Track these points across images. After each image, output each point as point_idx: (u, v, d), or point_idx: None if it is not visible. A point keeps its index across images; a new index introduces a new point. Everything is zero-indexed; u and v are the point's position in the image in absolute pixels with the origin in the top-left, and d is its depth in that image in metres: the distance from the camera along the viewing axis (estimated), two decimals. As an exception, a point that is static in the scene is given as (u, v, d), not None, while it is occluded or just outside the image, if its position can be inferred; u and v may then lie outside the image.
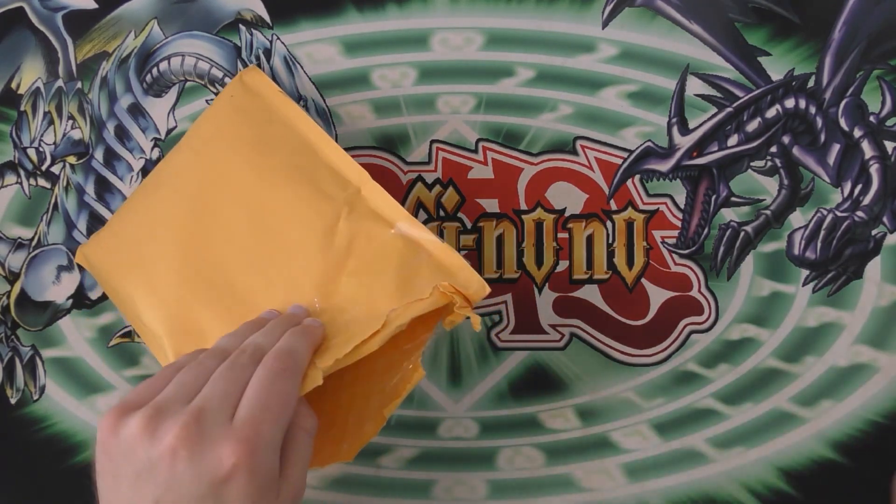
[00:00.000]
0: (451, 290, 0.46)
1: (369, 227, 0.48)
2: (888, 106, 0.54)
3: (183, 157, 0.52)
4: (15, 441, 0.56)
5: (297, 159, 0.51)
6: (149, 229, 0.51)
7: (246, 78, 0.53)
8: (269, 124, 0.52)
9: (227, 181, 0.50)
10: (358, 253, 0.48)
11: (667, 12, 0.54)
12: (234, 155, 0.51)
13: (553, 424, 0.56)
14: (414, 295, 0.46)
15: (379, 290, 0.47)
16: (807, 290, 0.55)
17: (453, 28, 0.54)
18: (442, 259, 0.47)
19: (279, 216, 0.49)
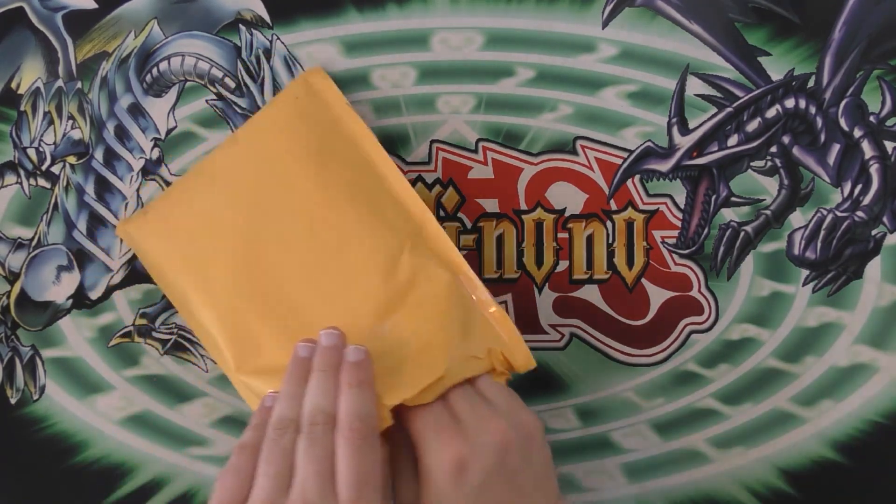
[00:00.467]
0: (502, 359, 0.48)
1: (432, 267, 0.48)
2: (888, 106, 0.54)
3: (241, 152, 0.52)
4: (15, 441, 0.56)
5: (360, 179, 0.50)
6: (203, 223, 0.51)
7: (311, 79, 0.53)
8: (334, 136, 0.51)
9: (287, 187, 0.50)
10: (419, 290, 0.48)
11: (667, 12, 0.54)
12: (295, 161, 0.50)
13: (553, 424, 0.55)
14: (468, 350, 0.47)
15: (437, 334, 0.47)
16: (807, 290, 0.55)
17: (453, 28, 0.54)
18: (496, 320, 0.48)
19: (340, 235, 0.49)
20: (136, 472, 0.57)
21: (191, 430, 0.56)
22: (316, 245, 0.49)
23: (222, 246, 0.50)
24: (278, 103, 0.53)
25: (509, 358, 0.48)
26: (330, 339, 0.46)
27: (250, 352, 0.49)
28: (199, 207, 0.51)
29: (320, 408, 0.43)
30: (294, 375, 0.45)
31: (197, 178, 0.52)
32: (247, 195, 0.51)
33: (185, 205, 0.52)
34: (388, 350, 0.47)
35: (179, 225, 0.51)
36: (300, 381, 0.45)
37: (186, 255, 0.51)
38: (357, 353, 0.45)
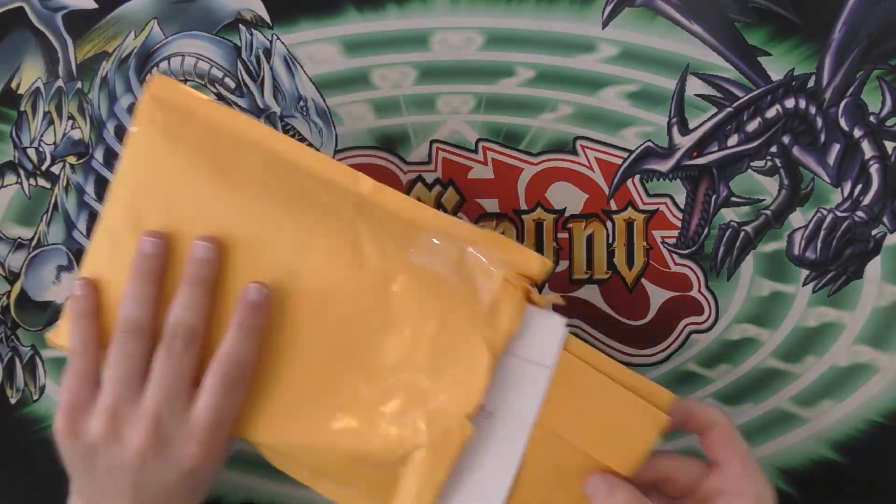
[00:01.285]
0: (519, 279, 0.42)
1: (395, 232, 0.43)
2: (888, 106, 0.54)
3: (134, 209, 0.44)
4: (15, 441, 0.56)
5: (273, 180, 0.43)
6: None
7: (155, 91, 0.45)
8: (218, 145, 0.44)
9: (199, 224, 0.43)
10: (396, 261, 0.43)
11: (667, 12, 0.54)
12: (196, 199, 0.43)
13: (553, 424, 0.56)
14: (484, 299, 0.42)
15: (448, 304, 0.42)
16: (807, 290, 0.55)
17: (453, 28, 0.54)
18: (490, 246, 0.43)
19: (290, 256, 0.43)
20: (136, 472, 0.57)
21: (191, 430, 0.56)
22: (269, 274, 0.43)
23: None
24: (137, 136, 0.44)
25: (525, 273, 0.42)
26: (206, 252, 0.42)
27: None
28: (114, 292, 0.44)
29: (184, 322, 0.42)
30: (140, 275, 0.43)
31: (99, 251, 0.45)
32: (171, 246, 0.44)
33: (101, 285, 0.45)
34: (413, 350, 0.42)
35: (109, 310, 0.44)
36: (146, 281, 0.43)
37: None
38: (259, 294, 0.42)
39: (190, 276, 0.43)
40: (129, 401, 0.42)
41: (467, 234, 0.43)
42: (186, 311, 0.43)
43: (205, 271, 0.43)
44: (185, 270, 0.43)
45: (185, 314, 0.43)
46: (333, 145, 0.55)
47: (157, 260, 0.43)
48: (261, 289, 0.43)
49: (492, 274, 0.42)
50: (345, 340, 0.43)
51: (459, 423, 0.41)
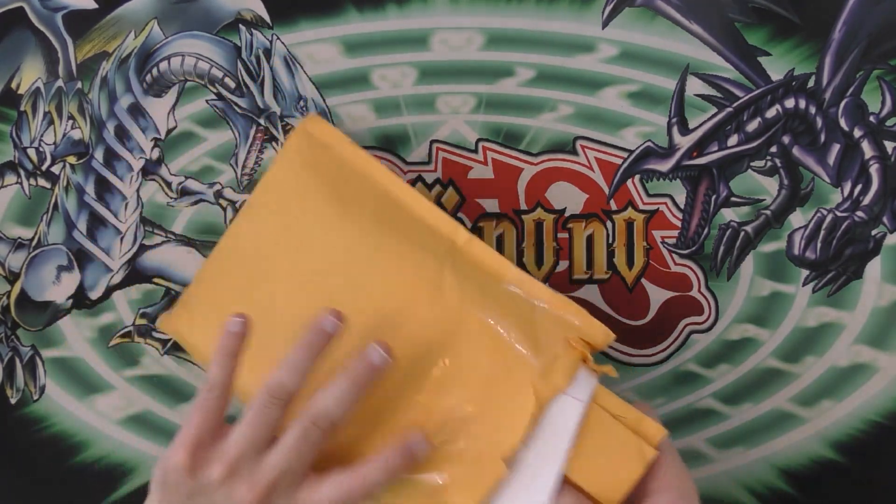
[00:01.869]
0: (581, 343, 0.45)
1: (477, 278, 0.47)
2: (888, 106, 0.54)
3: (260, 219, 0.51)
4: (15, 441, 0.56)
5: (382, 212, 0.49)
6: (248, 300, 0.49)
7: (310, 128, 0.52)
8: (345, 176, 0.50)
9: (316, 242, 0.49)
10: (472, 306, 0.46)
11: (667, 12, 0.54)
12: (316, 214, 0.50)
13: (553, 424, 0.55)
14: (546, 352, 0.45)
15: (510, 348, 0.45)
16: (807, 290, 0.55)
17: (453, 28, 0.54)
18: (561, 309, 0.46)
19: (379, 274, 0.48)
20: (136, 472, 0.57)
21: (191, 430, 0.56)
22: (359, 294, 0.48)
23: (275, 319, 0.48)
24: (283, 160, 0.52)
25: (588, 340, 0.45)
26: (381, 360, 0.45)
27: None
28: (237, 286, 0.51)
29: (330, 416, 0.44)
30: (309, 346, 0.45)
31: (225, 256, 0.52)
32: (279, 261, 0.50)
33: (222, 287, 0.51)
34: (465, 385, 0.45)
35: (226, 310, 0.48)
36: (311, 355, 0.44)
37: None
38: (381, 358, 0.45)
39: (354, 374, 0.44)
40: (251, 461, 0.43)
41: (543, 293, 0.46)
42: (336, 405, 0.44)
43: (370, 376, 0.44)
44: (352, 365, 0.44)
45: (334, 408, 0.44)
46: (333, 145, 0.55)
47: (328, 340, 0.45)
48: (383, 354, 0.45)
49: (556, 333, 0.45)
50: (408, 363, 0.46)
51: (494, 463, 0.43)
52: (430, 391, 0.46)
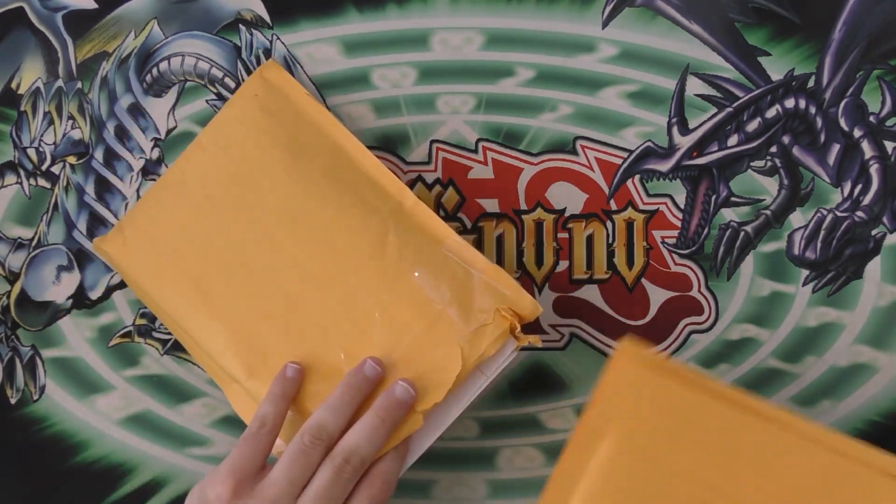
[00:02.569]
0: (511, 314, 0.47)
1: (419, 242, 0.49)
2: (888, 106, 0.54)
3: (209, 155, 0.52)
4: (15, 441, 0.56)
5: (334, 167, 0.50)
6: (185, 234, 0.51)
7: (267, 74, 0.53)
8: (300, 127, 0.51)
9: (263, 185, 0.50)
10: (410, 267, 0.48)
11: (667, 12, 0.54)
12: (266, 157, 0.51)
13: (553, 424, 0.55)
14: (475, 318, 0.47)
15: (442, 310, 0.47)
16: (807, 290, 0.55)
17: (453, 28, 0.54)
18: (494, 279, 0.48)
19: (325, 224, 0.49)
20: (136, 472, 0.57)
21: (191, 430, 0.56)
22: (302, 238, 0.49)
23: (210, 254, 0.50)
24: (238, 102, 0.53)
25: (516, 310, 0.47)
26: (405, 395, 0.46)
27: (260, 357, 0.49)
28: (177, 218, 0.51)
29: (360, 453, 0.45)
30: (349, 388, 0.46)
31: (168, 189, 0.53)
32: (224, 198, 0.51)
33: (161, 217, 0.52)
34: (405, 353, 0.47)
35: (160, 239, 0.51)
36: (354, 398, 0.46)
37: (175, 270, 0.51)
38: (406, 394, 0.46)
39: (384, 412, 0.46)
40: (288, 499, 0.44)
41: (478, 262, 0.48)
42: (368, 444, 0.45)
43: (399, 413, 0.46)
44: (382, 405, 0.46)
45: (365, 446, 0.45)
46: (333, 145, 0.55)
47: (371, 385, 0.47)
48: (408, 388, 0.47)
49: (489, 301, 0.47)
50: (342, 311, 0.48)
51: (413, 416, 0.46)
52: (357, 340, 0.48)
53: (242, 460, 0.45)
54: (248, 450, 0.45)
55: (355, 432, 0.45)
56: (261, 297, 0.49)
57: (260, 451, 0.45)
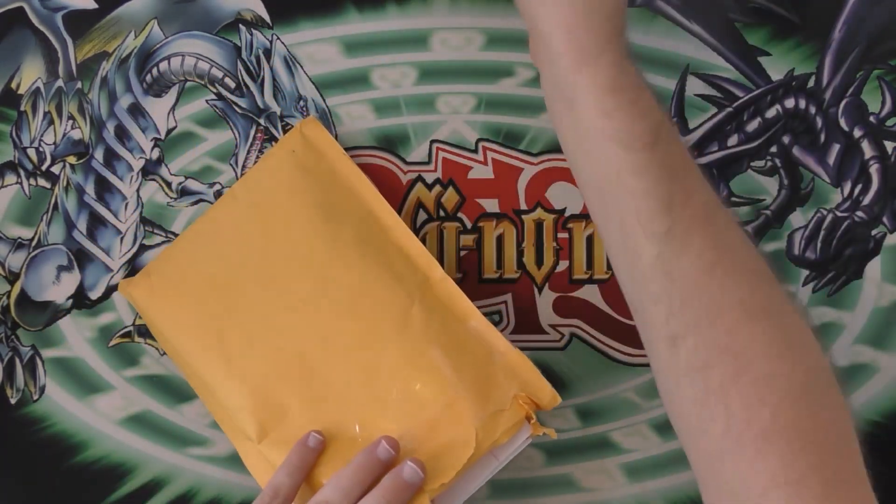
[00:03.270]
0: (528, 402, 0.47)
1: (443, 318, 0.48)
2: (888, 106, 0.54)
3: (242, 208, 0.52)
4: (15, 441, 0.56)
5: (365, 232, 0.50)
6: (211, 285, 0.51)
7: (306, 131, 0.53)
8: (334, 188, 0.51)
9: (293, 243, 0.50)
10: (434, 343, 0.48)
11: (667, 12, 0.54)
12: (298, 215, 0.50)
13: (553, 424, 0.55)
14: (493, 402, 0.46)
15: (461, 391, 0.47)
16: (807, 290, 0.55)
17: (453, 28, 0.54)
18: (515, 364, 0.48)
19: (352, 292, 0.49)
20: (136, 472, 0.57)
21: (191, 430, 0.56)
22: (328, 303, 0.49)
23: (234, 309, 0.50)
24: (274, 156, 0.53)
25: (535, 399, 0.47)
26: (413, 476, 0.45)
27: (275, 419, 0.48)
28: (204, 268, 0.51)
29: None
30: (360, 469, 0.46)
31: (198, 237, 0.53)
32: (253, 253, 0.50)
33: (189, 266, 0.52)
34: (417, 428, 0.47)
35: (186, 288, 0.51)
36: (364, 479, 0.45)
37: (198, 321, 0.51)
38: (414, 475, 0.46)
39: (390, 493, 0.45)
40: None
41: (500, 344, 0.48)
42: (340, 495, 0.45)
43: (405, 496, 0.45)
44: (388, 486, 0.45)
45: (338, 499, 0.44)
46: (333, 145, 0.55)
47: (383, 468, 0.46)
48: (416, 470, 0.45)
49: (508, 386, 0.47)
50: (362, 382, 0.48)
51: (420, 496, 0.45)
52: (373, 413, 0.47)
53: None
54: None
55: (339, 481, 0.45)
56: (281, 359, 0.49)
57: None
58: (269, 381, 0.49)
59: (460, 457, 0.45)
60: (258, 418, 0.48)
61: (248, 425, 0.49)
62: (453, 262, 0.55)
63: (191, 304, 0.51)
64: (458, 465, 0.45)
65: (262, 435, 0.48)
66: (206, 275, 0.51)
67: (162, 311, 0.52)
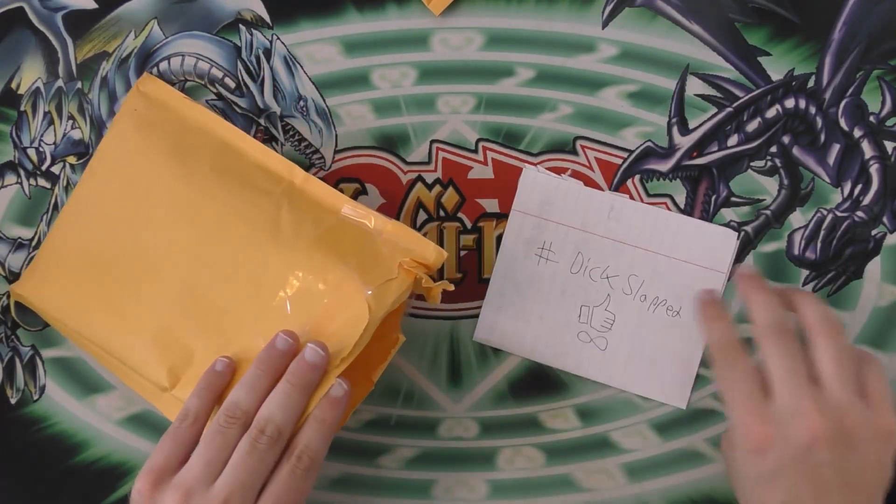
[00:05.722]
0: (414, 265, 0.48)
1: (315, 214, 0.49)
2: (888, 106, 0.54)
3: (101, 179, 0.52)
4: (15, 441, 0.56)
5: (221, 160, 0.51)
6: (91, 260, 0.51)
7: (143, 88, 0.53)
8: (183, 131, 0.52)
9: (158, 194, 0.51)
10: (310, 238, 0.48)
11: (667, 12, 0.54)
12: (155, 167, 0.51)
13: (553, 424, 0.56)
14: (380, 274, 0.47)
15: (346, 272, 0.47)
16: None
17: (453, 28, 0.54)
18: (395, 234, 0.49)
19: (220, 217, 0.50)
20: (136, 473, 0.56)
21: (191, 430, 0.56)
22: (201, 235, 0.50)
23: (117, 273, 0.51)
24: (120, 121, 0.53)
25: (421, 260, 0.48)
26: (314, 356, 0.46)
27: (183, 362, 0.49)
28: (81, 247, 0.52)
29: (275, 420, 0.44)
30: (262, 363, 0.46)
31: (69, 220, 0.53)
32: (122, 217, 0.51)
33: (67, 250, 0.52)
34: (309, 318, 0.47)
35: (70, 272, 0.52)
36: (267, 372, 0.45)
37: (88, 297, 0.51)
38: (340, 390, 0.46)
39: (295, 377, 0.45)
40: (205, 483, 0.43)
41: (377, 221, 0.49)
42: (281, 410, 0.44)
43: (311, 376, 0.45)
44: (292, 370, 0.45)
45: (279, 414, 0.44)
46: (333, 145, 0.55)
47: (283, 358, 0.46)
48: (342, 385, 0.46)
49: (391, 257, 0.48)
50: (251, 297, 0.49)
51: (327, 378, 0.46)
52: (271, 322, 0.48)
53: (162, 456, 0.44)
54: (168, 444, 0.44)
55: (268, 402, 0.44)
56: (171, 301, 0.50)
57: (182, 444, 0.44)
58: (166, 327, 0.49)
59: (357, 328, 0.46)
60: (166, 365, 0.49)
61: (157, 375, 0.50)
62: (453, 262, 0.55)
63: (77, 285, 0.52)
64: (356, 336, 0.46)
65: (174, 380, 0.49)
66: (83, 252, 0.52)
67: (53, 301, 0.53)
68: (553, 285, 0.55)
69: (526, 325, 0.54)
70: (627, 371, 0.54)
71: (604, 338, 0.54)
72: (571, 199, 0.55)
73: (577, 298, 0.54)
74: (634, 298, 0.54)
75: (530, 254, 0.55)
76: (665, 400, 0.54)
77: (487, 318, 0.55)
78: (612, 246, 0.54)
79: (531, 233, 0.54)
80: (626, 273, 0.54)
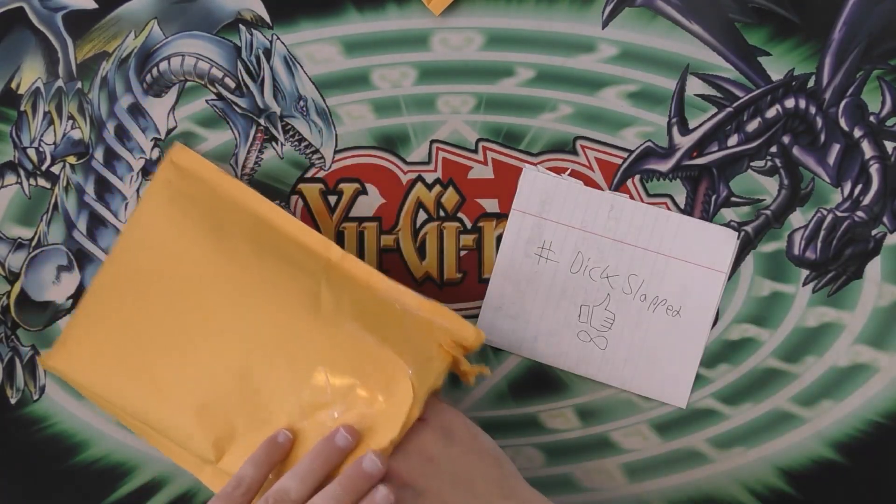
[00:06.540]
0: (453, 346, 0.48)
1: (352, 291, 0.49)
2: (888, 106, 0.54)
3: (135, 253, 0.52)
4: (15, 441, 0.56)
5: (257, 236, 0.51)
6: (127, 333, 0.51)
7: (176, 158, 0.54)
8: (217, 203, 0.52)
9: (194, 268, 0.50)
10: (349, 316, 0.48)
11: (667, 12, 0.54)
12: (190, 241, 0.51)
13: (553, 424, 0.56)
14: (420, 353, 0.47)
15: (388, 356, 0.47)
16: (807, 290, 0.55)
17: (453, 28, 0.54)
18: (433, 314, 0.49)
19: (259, 293, 0.49)
20: (136, 472, 0.57)
21: (191, 430, 0.56)
22: (240, 310, 0.49)
23: (155, 346, 0.50)
24: (153, 192, 0.53)
25: (460, 341, 0.48)
26: (372, 467, 0.45)
27: (226, 435, 0.49)
28: (116, 320, 0.51)
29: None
30: (317, 457, 0.46)
31: (102, 293, 0.53)
32: (158, 290, 0.51)
33: (101, 323, 0.52)
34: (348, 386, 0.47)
35: (104, 345, 0.51)
36: (322, 467, 0.45)
37: (125, 369, 0.51)
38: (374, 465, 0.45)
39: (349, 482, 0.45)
40: None
41: (413, 301, 0.49)
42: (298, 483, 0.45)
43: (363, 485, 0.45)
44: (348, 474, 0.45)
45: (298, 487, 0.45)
46: (333, 145, 0.55)
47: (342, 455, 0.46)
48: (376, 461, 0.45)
49: (429, 337, 0.48)
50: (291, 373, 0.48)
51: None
52: (311, 396, 0.47)
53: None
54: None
55: (316, 500, 0.44)
56: (212, 375, 0.49)
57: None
58: (208, 400, 0.49)
59: (402, 410, 0.45)
60: (210, 439, 0.49)
61: (202, 448, 0.49)
62: (453, 262, 0.55)
63: (113, 357, 0.51)
64: (402, 417, 0.45)
65: (219, 453, 0.49)
66: (119, 325, 0.51)
67: (87, 373, 0.52)
68: (553, 285, 0.55)
69: (526, 325, 0.54)
70: (627, 370, 0.54)
71: (604, 337, 0.54)
72: (571, 198, 0.55)
73: (576, 298, 0.54)
74: (634, 298, 0.54)
75: (530, 253, 0.55)
76: (665, 399, 0.54)
77: (487, 318, 0.55)
78: (611, 245, 0.54)
79: (531, 232, 0.54)
80: (626, 273, 0.54)
